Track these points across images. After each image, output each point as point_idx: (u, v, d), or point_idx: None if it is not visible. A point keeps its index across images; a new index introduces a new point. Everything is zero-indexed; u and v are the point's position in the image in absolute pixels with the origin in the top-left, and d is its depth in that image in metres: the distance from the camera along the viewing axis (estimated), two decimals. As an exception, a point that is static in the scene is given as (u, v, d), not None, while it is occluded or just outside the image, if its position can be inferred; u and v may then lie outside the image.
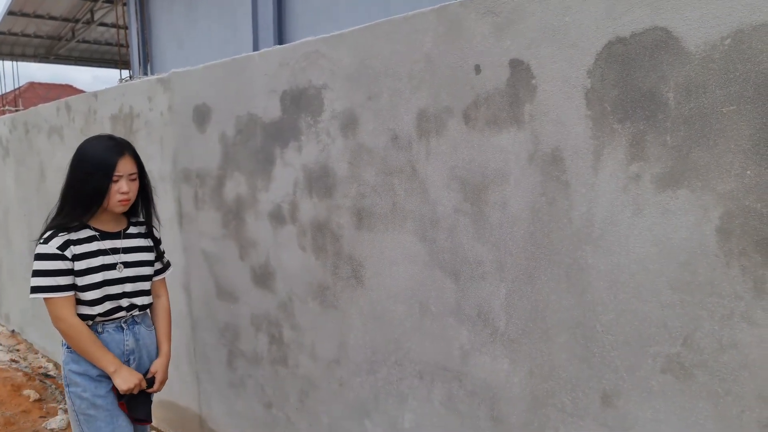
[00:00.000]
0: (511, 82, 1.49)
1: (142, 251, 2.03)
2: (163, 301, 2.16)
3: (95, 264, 1.89)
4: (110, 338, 1.96)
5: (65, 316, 1.85)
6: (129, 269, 1.98)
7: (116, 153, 1.86)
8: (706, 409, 1.24)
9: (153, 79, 2.78)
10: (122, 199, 1.88)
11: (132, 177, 1.90)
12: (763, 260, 1.13)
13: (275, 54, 2.16)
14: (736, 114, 1.14)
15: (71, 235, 1.87)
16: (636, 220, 1.30)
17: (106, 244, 1.94)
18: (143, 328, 2.06)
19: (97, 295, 1.89)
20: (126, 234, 2.01)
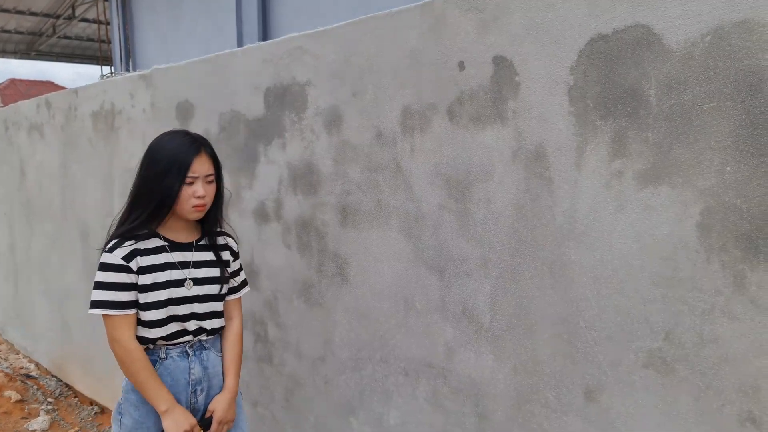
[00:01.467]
0: (495, 78, 1.49)
1: (215, 266, 1.73)
2: (235, 324, 1.82)
3: (161, 279, 1.61)
4: (174, 366, 1.67)
5: (123, 339, 1.58)
6: (198, 287, 1.67)
7: (192, 151, 1.58)
8: (688, 403, 1.25)
9: (135, 76, 2.75)
10: (197, 205, 1.60)
11: (209, 179, 1.62)
12: (742, 255, 1.15)
13: (258, 50, 2.14)
14: (716, 111, 1.15)
15: (138, 244, 1.61)
16: (618, 216, 1.31)
17: (176, 256, 1.66)
18: (212, 355, 1.74)
19: (159, 315, 1.61)
20: (198, 246, 1.72)
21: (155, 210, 1.59)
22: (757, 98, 1.10)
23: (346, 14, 1.95)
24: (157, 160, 1.58)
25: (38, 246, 3.92)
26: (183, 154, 1.57)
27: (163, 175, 1.56)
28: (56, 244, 3.69)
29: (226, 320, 1.80)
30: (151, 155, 1.61)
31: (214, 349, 1.76)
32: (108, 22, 6.92)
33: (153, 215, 1.60)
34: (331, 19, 1.95)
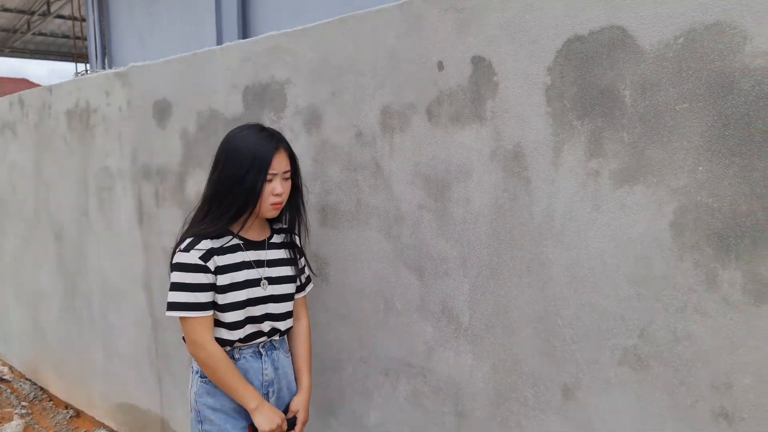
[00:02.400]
0: (473, 78, 1.50)
1: (286, 264, 1.69)
2: (303, 324, 1.79)
3: (239, 279, 1.58)
4: (248, 366, 1.64)
5: (205, 342, 1.54)
6: (273, 286, 1.64)
7: (272, 147, 1.53)
8: (662, 399, 1.27)
9: (111, 73, 2.71)
10: (275, 202, 1.56)
11: (286, 176, 1.58)
12: (714, 254, 1.17)
13: (237, 49, 2.12)
14: (689, 112, 1.17)
15: (214, 243, 1.56)
16: (595, 216, 1.32)
17: (250, 255, 1.62)
18: (282, 355, 1.72)
19: (239, 316, 1.58)
20: (270, 243, 1.68)
21: (239, 209, 1.54)
22: (728, 99, 1.12)
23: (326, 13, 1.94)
24: (239, 158, 1.52)
25: (11, 247, 3.84)
26: (263, 150, 1.52)
27: (246, 173, 1.50)
28: (29, 245, 3.62)
29: (294, 320, 1.76)
30: (231, 152, 1.54)
31: (283, 350, 1.73)
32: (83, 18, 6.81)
33: (236, 215, 1.55)
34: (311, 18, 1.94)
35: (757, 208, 1.11)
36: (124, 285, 2.89)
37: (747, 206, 1.12)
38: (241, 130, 1.59)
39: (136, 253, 2.77)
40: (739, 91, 1.11)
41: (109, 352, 3.10)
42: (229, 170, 1.53)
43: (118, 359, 3.04)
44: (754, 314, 1.13)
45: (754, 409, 1.15)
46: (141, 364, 2.88)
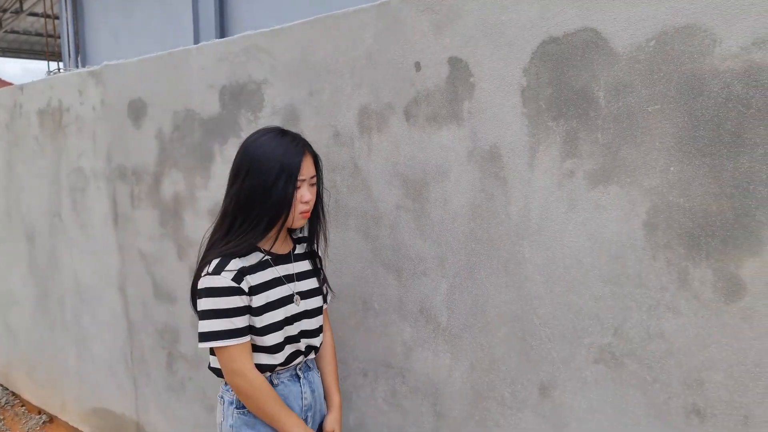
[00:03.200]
0: (450, 79, 1.50)
1: (312, 276, 1.59)
2: (328, 337, 1.67)
3: (274, 297, 1.45)
4: (287, 391, 1.51)
5: (245, 370, 1.40)
6: (305, 301, 1.53)
7: (299, 151, 1.41)
8: (636, 396, 1.29)
9: (84, 72, 2.66)
10: (304, 210, 1.44)
11: (312, 181, 1.45)
12: (686, 253, 1.19)
13: (214, 48, 2.10)
14: (660, 113, 1.19)
15: (244, 262, 1.42)
16: (570, 215, 1.34)
17: (279, 270, 1.50)
18: (315, 375, 1.61)
19: (278, 338, 1.45)
20: (296, 255, 1.57)
21: (270, 221, 1.40)
22: (698, 101, 1.14)
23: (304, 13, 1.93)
24: (265, 166, 1.37)
25: (-19, 249, 3.75)
26: (290, 155, 1.39)
27: (274, 181, 1.37)
28: (0, 246, 3.53)
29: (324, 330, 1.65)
30: (254, 160, 1.39)
31: (315, 369, 1.62)
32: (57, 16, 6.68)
33: (267, 228, 1.41)
34: (289, 18, 1.93)
35: (727, 208, 1.13)
36: (99, 287, 2.84)
37: (717, 206, 1.14)
38: (261, 135, 1.45)
39: (110, 254, 2.72)
40: (708, 93, 1.13)
41: (83, 355, 3.04)
42: (254, 180, 1.38)
43: (92, 363, 2.99)
44: (724, 312, 1.16)
45: (725, 406, 1.18)
46: (116, 368, 2.84)
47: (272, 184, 1.37)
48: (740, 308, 1.14)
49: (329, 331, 1.69)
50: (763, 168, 1.09)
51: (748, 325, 1.13)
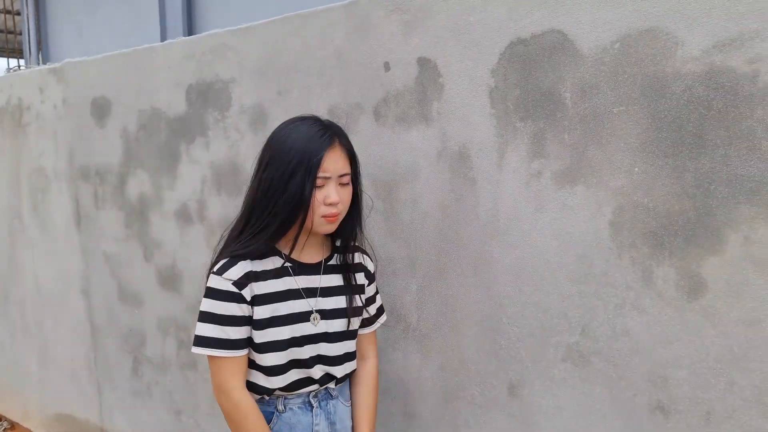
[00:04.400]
0: (420, 80, 1.50)
1: (342, 294, 1.34)
2: (369, 365, 1.43)
3: (282, 312, 1.26)
4: (295, 420, 1.32)
5: (231, 389, 1.24)
6: (327, 321, 1.30)
7: (324, 142, 1.20)
8: (602, 394, 1.31)
9: (45, 69, 2.59)
10: (329, 214, 1.22)
11: (344, 180, 1.24)
12: (650, 252, 1.21)
13: (180, 46, 2.06)
14: (625, 114, 1.20)
15: (255, 265, 1.26)
16: (538, 215, 1.35)
17: (300, 281, 1.29)
18: (340, 405, 1.38)
19: (279, 359, 1.27)
20: (327, 267, 1.34)
21: (283, 223, 1.22)
22: (661, 103, 1.16)
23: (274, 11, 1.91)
24: (284, 157, 1.19)
25: (-63, 252, 3.61)
26: (312, 146, 1.19)
27: (291, 176, 1.18)
28: (-43, 249, 3.41)
29: (359, 359, 1.41)
30: (275, 150, 1.22)
31: (342, 398, 1.39)
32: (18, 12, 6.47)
33: (280, 229, 1.23)
34: (258, 16, 1.90)
35: (689, 208, 1.15)
36: (61, 291, 2.76)
37: (679, 206, 1.16)
38: (292, 122, 1.27)
39: (73, 257, 2.65)
40: (671, 95, 1.15)
41: (46, 361, 2.96)
42: (272, 173, 1.21)
43: (55, 368, 2.90)
44: (686, 309, 1.18)
45: (688, 402, 1.20)
46: (79, 373, 2.76)
47: (288, 179, 1.19)
48: (702, 306, 1.16)
49: (373, 359, 1.44)
50: (723, 168, 1.11)
51: (709, 322, 1.16)
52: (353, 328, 1.35)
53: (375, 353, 1.45)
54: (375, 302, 1.44)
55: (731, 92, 1.09)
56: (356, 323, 1.36)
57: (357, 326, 1.37)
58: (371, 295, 1.42)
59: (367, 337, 1.43)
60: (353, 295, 1.35)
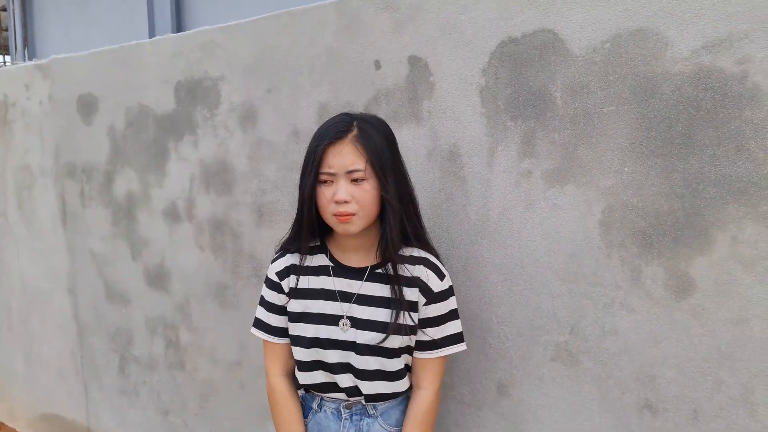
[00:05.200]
0: (410, 78, 1.49)
1: (381, 305, 1.23)
2: (419, 397, 1.27)
3: (312, 310, 1.26)
4: (325, 424, 1.30)
5: (270, 373, 1.32)
6: (357, 331, 1.23)
7: (330, 134, 1.16)
8: (591, 392, 1.31)
9: (31, 66, 2.55)
10: (337, 213, 1.16)
11: (354, 176, 1.15)
12: (638, 251, 1.21)
13: (168, 42, 2.04)
14: (615, 114, 1.21)
15: (302, 260, 1.28)
16: (528, 215, 1.35)
17: (338, 283, 1.26)
18: (377, 426, 1.28)
19: (305, 356, 1.26)
20: (372, 273, 1.25)
21: (300, 221, 1.23)
22: (651, 103, 1.17)
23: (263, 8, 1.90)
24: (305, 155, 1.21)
25: None
26: (316, 141, 1.17)
27: (303, 171, 1.19)
28: (-59, 247, 3.36)
29: (414, 388, 1.29)
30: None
31: (384, 420, 1.29)
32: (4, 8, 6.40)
33: (301, 228, 1.23)
34: (248, 13, 1.89)
35: (677, 208, 1.16)
36: (47, 289, 2.73)
37: (668, 205, 1.17)
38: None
39: (59, 255, 2.62)
40: (660, 95, 1.16)
41: (31, 359, 2.92)
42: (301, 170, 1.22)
43: (41, 367, 2.87)
44: (674, 309, 1.19)
45: (675, 400, 1.21)
46: (65, 372, 2.73)
47: (302, 176, 1.19)
48: (690, 305, 1.17)
49: (427, 390, 1.27)
50: (712, 169, 1.12)
51: (697, 321, 1.16)
52: (391, 346, 1.22)
53: (431, 384, 1.27)
54: (438, 326, 1.25)
55: (720, 93, 1.10)
56: (396, 341, 1.22)
57: (397, 345, 1.22)
58: (431, 317, 1.24)
59: (423, 362, 1.27)
60: (399, 310, 1.21)
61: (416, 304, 1.23)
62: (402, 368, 1.26)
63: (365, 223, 1.19)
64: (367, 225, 1.20)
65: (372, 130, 1.18)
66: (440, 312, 1.25)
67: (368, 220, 1.19)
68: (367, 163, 1.15)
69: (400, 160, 1.23)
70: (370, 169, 1.16)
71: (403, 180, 1.23)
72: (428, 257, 1.26)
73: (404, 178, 1.23)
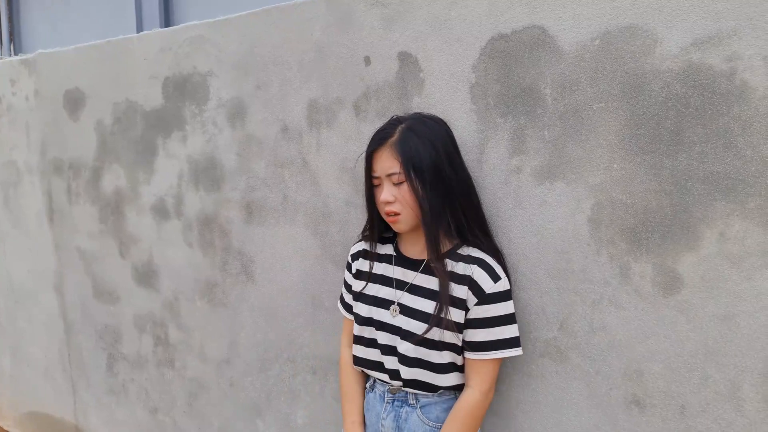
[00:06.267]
0: (400, 74, 1.49)
1: (430, 298, 1.28)
2: (464, 396, 1.28)
3: (369, 292, 1.37)
4: (372, 404, 1.40)
5: (342, 344, 1.49)
6: (404, 318, 1.30)
7: (374, 143, 1.27)
8: (579, 388, 1.32)
9: (16, 61, 2.52)
10: (387, 212, 1.26)
11: (394, 179, 1.24)
12: (627, 248, 1.22)
13: (156, 38, 2.02)
14: (605, 111, 1.21)
15: (373, 247, 1.41)
16: (517, 212, 1.35)
17: (396, 271, 1.35)
18: (415, 417, 1.32)
19: (358, 332, 1.38)
20: (427, 267, 1.31)
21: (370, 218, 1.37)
22: (640, 100, 1.17)
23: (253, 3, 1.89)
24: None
25: None
26: (368, 148, 1.29)
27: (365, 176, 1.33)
28: (-75, 244, 3.31)
29: (465, 386, 1.30)
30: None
31: (424, 413, 1.32)
32: (-11, 1, 6.29)
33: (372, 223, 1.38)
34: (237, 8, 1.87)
35: (666, 204, 1.16)
36: (34, 287, 2.70)
37: (657, 202, 1.17)
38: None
39: (46, 253, 2.59)
40: (649, 92, 1.16)
41: (18, 358, 2.89)
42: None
43: (28, 365, 2.84)
44: (662, 305, 1.19)
45: (662, 396, 1.21)
46: (53, 371, 2.71)
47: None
48: (678, 301, 1.18)
49: (473, 389, 1.27)
50: (700, 166, 1.12)
51: (684, 317, 1.17)
52: (434, 338, 1.25)
53: (479, 385, 1.27)
54: (488, 328, 1.24)
55: (708, 90, 1.10)
56: (437, 334, 1.25)
57: (437, 338, 1.25)
58: (481, 318, 1.24)
59: (471, 363, 1.27)
60: (442, 304, 1.24)
61: (464, 302, 1.25)
62: (445, 363, 1.28)
63: (413, 221, 1.27)
64: (416, 222, 1.27)
65: (412, 134, 1.23)
66: (491, 314, 1.24)
67: (415, 218, 1.26)
68: (401, 165, 1.22)
69: (446, 159, 1.24)
70: (404, 172, 1.22)
71: (449, 179, 1.24)
72: (485, 258, 1.27)
73: (449, 178, 1.24)
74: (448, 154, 1.25)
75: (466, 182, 1.28)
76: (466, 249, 1.29)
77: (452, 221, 1.26)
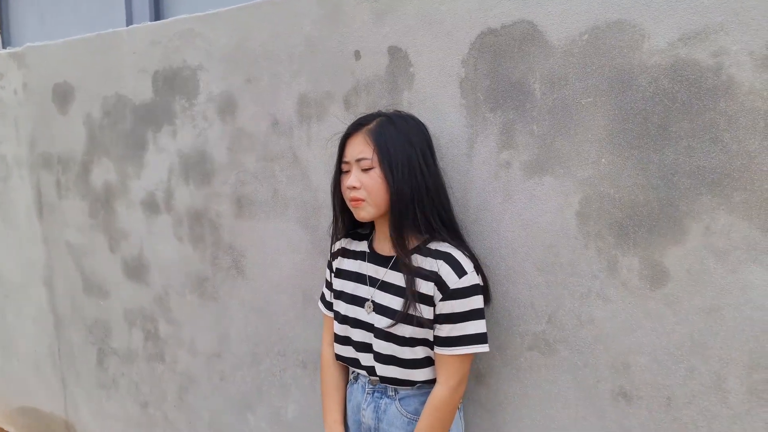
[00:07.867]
0: (390, 69, 1.49)
1: (398, 295, 1.27)
2: (434, 391, 1.27)
3: (347, 290, 1.39)
4: (354, 395, 1.42)
5: (323, 341, 1.49)
6: (376, 315, 1.30)
7: (350, 128, 1.28)
8: (567, 380, 1.33)
9: (4, 54, 2.50)
10: (350, 198, 1.26)
11: (363, 165, 1.23)
12: (615, 242, 1.23)
13: (146, 31, 2.01)
14: (593, 106, 1.22)
15: (350, 244, 1.42)
16: (506, 206, 1.36)
17: (369, 269, 1.36)
18: (394, 409, 1.33)
19: (338, 330, 1.40)
20: (395, 264, 1.30)
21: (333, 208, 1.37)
22: (628, 94, 1.18)
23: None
24: None
25: None
26: (344, 133, 1.29)
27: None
28: None
29: (436, 381, 1.29)
30: None
31: (403, 406, 1.33)
32: (-23, -7, 6.20)
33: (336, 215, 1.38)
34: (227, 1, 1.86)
35: (653, 199, 1.17)
36: (23, 282, 2.69)
37: (644, 197, 1.18)
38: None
39: (35, 247, 2.58)
40: (637, 87, 1.17)
41: (8, 352, 2.88)
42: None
43: (18, 360, 2.83)
44: (649, 298, 1.20)
45: (649, 388, 1.23)
46: (43, 365, 2.70)
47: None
48: (664, 294, 1.19)
49: (441, 386, 1.26)
50: (687, 160, 1.13)
51: (671, 310, 1.18)
52: (401, 334, 1.26)
53: (446, 380, 1.25)
54: (455, 323, 1.22)
55: (695, 85, 1.11)
56: (406, 330, 1.25)
57: (408, 334, 1.25)
58: (447, 313, 1.22)
59: (439, 358, 1.26)
60: (408, 300, 1.24)
61: (431, 298, 1.24)
62: (420, 358, 1.28)
63: (376, 210, 1.26)
64: (380, 212, 1.27)
65: (390, 126, 1.23)
66: (455, 309, 1.23)
67: (379, 207, 1.25)
68: (374, 152, 1.21)
69: (420, 156, 1.24)
70: (377, 157, 1.21)
71: (420, 175, 1.23)
72: (452, 253, 1.25)
73: (421, 174, 1.23)
74: (423, 152, 1.25)
75: (438, 182, 1.27)
76: (435, 244, 1.27)
77: (420, 217, 1.24)
